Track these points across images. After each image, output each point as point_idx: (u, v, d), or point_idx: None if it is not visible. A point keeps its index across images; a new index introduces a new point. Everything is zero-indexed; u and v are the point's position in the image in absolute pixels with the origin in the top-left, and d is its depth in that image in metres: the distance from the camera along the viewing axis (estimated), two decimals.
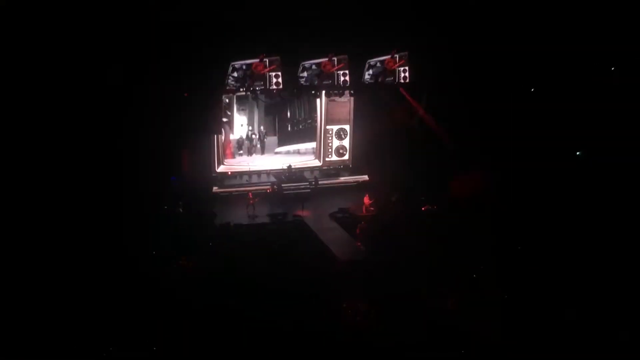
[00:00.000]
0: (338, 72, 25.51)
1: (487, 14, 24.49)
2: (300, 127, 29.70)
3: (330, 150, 29.53)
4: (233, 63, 24.09)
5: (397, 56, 26.11)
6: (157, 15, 21.26)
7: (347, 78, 25.80)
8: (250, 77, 24.41)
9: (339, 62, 25.41)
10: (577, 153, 25.63)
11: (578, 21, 23.61)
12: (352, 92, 27.60)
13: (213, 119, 25.31)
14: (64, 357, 14.96)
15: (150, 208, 22.68)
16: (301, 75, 25.30)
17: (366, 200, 25.36)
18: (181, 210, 23.69)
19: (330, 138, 29.39)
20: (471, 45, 24.39)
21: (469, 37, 24.43)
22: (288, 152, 29.49)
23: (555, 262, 19.43)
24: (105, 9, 20.87)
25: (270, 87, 24.71)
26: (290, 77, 25.16)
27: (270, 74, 24.46)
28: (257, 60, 24.27)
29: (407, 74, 26.38)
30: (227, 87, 24.61)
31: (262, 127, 28.87)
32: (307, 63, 25.23)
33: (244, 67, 24.29)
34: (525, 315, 16.80)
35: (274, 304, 17.37)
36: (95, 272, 18.27)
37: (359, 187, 28.12)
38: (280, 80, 24.71)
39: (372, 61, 26.04)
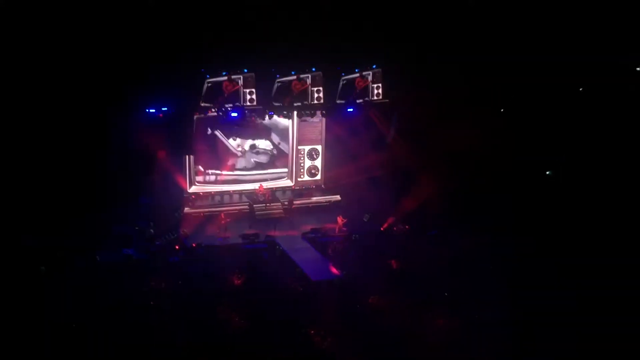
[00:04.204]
0: (312, 89, 25.50)
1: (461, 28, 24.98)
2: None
3: (302, 170, 29.58)
4: (208, 81, 24.01)
5: (370, 73, 26.18)
6: (130, 34, 21.27)
7: (321, 95, 25.74)
8: (222, 96, 24.27)
9: (313, 79, 25.42)
10: (547, 172, 26.29)
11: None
12: (323, 112, 27.71)
13: (186, 139, 25.15)
14: None
15: (121, 228, 22.57)
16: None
17: (339, 220, 25.46)
18: (152, 231, 23.51)
19: (302, 158, 29.44)
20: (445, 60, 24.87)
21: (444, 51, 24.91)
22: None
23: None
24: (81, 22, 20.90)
25: (244, 104, 24.56)
26: (265, 94, 25.02)
27: (245, 90, 24.35)
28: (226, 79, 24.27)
29: (380, 91, 26.37)
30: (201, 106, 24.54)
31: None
32: (282, 80, 25.17)
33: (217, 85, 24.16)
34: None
35: (246, 323, 17.36)
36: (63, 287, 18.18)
37: (331, 207, 28.17)
38: (254, 97, 24.61)
39: (345, 79, 26.11)
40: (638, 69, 24.91)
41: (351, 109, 26.41)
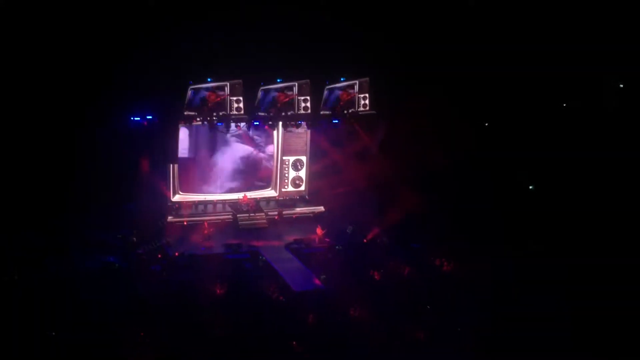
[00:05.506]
0: (299, 98, 25.44)
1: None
2: None
3: (286, 181, 29.61)
4: (192, 87, 23.89)
5: (357, 83, 26.16)
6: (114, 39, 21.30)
7: (308, 104, 25.69)
8: (207, 105, 24.24)
9: (300, 88, 25.35)
10: (530, 187, 26.54)
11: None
12: (309, 123, 27.63)
13: (170, 148, 25.12)
14: None
15: (105, 235, 22.49)
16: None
17: (319, 231, 25.49)
18: (135, 238, 23.39)
19: (286, 169, 29.47)
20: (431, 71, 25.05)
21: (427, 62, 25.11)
22: None
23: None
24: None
25: (231, 113, 24.54)
26: (252, 102, 24.93)
27: (232, 98, 24.34)
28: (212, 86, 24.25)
29: (367, 102, 26.35)
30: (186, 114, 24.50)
31: None
32: (266, 88, 25.10)
33: (202, 92, 24.18)
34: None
35: (227, 333, 17.31)
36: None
37: (315, 218, 28.20)
38: (241, 105, 24.60)
39: (330, 88, 26.09)
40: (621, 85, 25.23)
41: (336, 121, 26.55)
